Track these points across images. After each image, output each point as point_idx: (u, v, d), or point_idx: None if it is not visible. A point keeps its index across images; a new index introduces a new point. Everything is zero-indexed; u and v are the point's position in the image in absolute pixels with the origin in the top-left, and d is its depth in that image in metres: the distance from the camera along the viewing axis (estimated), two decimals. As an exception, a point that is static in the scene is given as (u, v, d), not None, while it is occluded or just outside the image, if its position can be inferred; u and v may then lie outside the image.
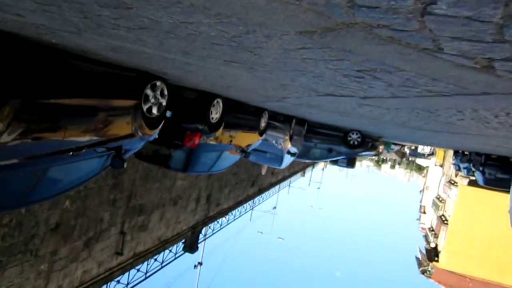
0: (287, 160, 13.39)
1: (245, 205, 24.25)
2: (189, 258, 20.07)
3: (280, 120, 11.57)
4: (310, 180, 52.99)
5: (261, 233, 43.48)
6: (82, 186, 8.66)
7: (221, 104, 7.51)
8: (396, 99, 2.62)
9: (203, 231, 17.03)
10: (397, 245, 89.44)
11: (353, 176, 77.92)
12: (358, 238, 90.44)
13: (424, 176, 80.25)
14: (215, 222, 18.42)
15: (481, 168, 19.04)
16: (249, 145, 9.72)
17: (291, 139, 12.26)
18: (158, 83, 5.41)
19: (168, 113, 7.16)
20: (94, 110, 4.28)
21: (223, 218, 20.20)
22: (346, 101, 3.48)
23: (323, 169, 57.29)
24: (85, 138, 4.23)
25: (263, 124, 9.98)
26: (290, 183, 43.07)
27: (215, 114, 7.44)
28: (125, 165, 4.92)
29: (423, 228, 52.14)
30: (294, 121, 12.20)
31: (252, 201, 25.68)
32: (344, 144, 16.22)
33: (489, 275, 31.88)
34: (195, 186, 14.46)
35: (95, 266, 9.94)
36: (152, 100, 5.40)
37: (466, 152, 23.79)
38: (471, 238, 31.68)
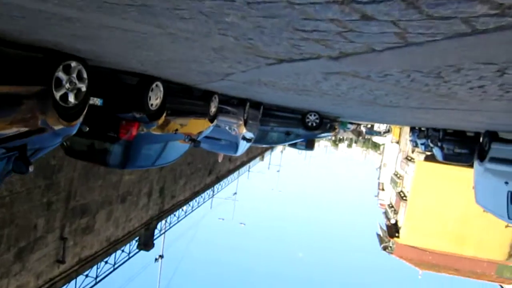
0: (243, 146, 12.48)
1: (203, 194, 23.31)
2: (150, 253, 19.17)
3: (233, 104, 10.61)
4: (269, 164, 52.57)
5: (223, 219, 42.73)
6: (6, 191, 7.46)
7: (161, 88, 6.46)
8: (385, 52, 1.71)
9: (159, 226, 15.97)
10: (357, 222, 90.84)
11: (312, 157, 78.07)
12: (319, 218, 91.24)
13: (380, 154, 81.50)
14: (172, 215, 17.38)
15: (439, 144, 18.78)
16: (199, 133, 8.73)
17: (245, 124, 11.33)
18: (73, 64, 4.32)
19: (99, 101, 6.06)
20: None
21: (181, 210, 19.20)
22: (307, 69, 2.55)
23: (282, 152, 56.93)
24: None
25: (213, 109, 8.99)
26: (249, 168, 42.47)
27: (155, 100, 6.39)
28: (30, 169, 3.84)
29: (382, 205, 52.81)
30: (248, 104, 11.25)
31: (211, 189, 24.82)
32: (302, 126, 15.46)
33: (448, 248, 32.40)
34: (146, 180, 13.35)
35: (33, 278, 8.76)
36: (67, 86, 4.31)
37: (423, 128, 23.63)
38: (430, 212, 32.02)
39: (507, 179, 9.19)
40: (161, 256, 21.94)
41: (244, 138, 11.85)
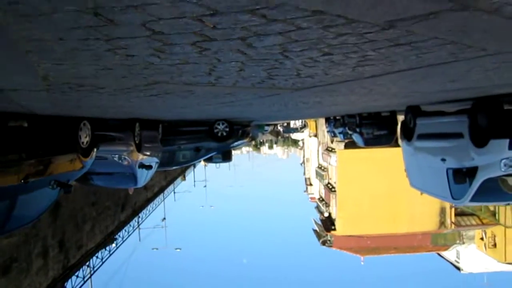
0: (144, 175, 10.43)
1: (124, 230, 20.85)
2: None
3: (116, 127, 8.57)
4: (194, 181, 50.18)
5: (157, 249, 39.80)
6: None
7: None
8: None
9: (69, 284, 13.39)
10: (293, 220, 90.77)
11: (236, 165, 76.40)
12: (255, 224, 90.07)
13: (300, 149, 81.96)
14: (85, 267, 14.81)
15: (357, 130, 17.88)
16: (70, 174, 6.61)
17: (139, 149, 9.31)
18: None
19: None
20: None
21: (95, 257, 16.66)
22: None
23: (205, 167, 54.77)
24: None
25: (85, 139, 6.91)
26: (174, 189, 39.89)
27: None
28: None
29: (312, 199, 52.45)
30: (137, 125, 9.25)
31: (133, 221, 22.38)
32: (212, 138, 13.66)
33: (384, 229, 32.15)
34: (35, 238, 10.85)
35: None
36: None
37: (337, 117, 22.80)
38: (360, 199, 31.57)
39: (442, 155, 8.04)
40: None
41: (142, 166, 9.81)
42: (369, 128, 17.54)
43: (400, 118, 24.18)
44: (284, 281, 63.05)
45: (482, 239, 33.81)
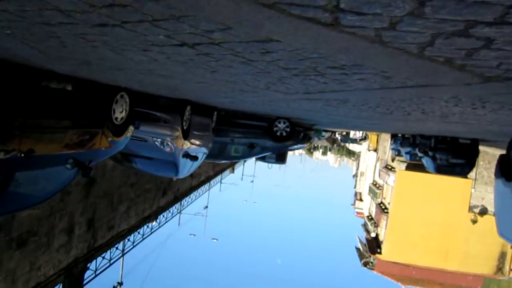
0: (188, 166, 9.11)
1: (168, 211, 19.95)
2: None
3: (163, 107, 7.24)
4: (242, 175, 49.09)
5: (194, 235, 39.10)
6: None
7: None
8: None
9: (93, 265, 12.39)
10: (335, 232, 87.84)
11: (287, 166, 74.67)
12: (295, 229, 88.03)
13: (354, 160, 79.04)
14: (113, 249, 13.82)
15: (430, 153, 15.75)
16: (94, 154, 5.33)
17: (186, 136, 7.96)
18: None
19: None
20: None
21: (137, 233, 15.75)
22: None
23: (255, 162, 53.55)
24: None
25: (120, 115, 5.61)
26: (221, 179, 39.10)
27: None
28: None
29: (358, 213, 50.01)
30: (188, 108, 7.90)
31: (178, 205, 21.48)
32: (270, 136, 12.17)
33: (432, 262, 29.60)
34: (60, 212, 9.81)
35: None
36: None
37: (406, 135, 20.66)
38: (413, 225, 29.14)
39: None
40: (120, 283, 18.53)
41: (187, 156, 8.47)
42: (445, 154, 15.39)
43: (483, 148, 21.69)
44: (315, 292, 60.91)
45: (540, 293, 30.58)
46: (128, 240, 16.60)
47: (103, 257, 13.16)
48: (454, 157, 15.34)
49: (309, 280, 63.80)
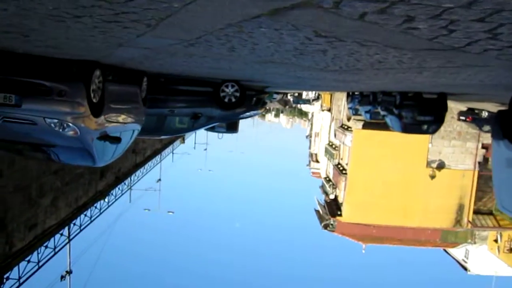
0: (110, 150, 6.93)
1: (117, 188, 17.85)
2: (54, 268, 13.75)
3: (56, 73, 4.98)
4: (195, 143, 46.79)
5: (149, 210, 36.84)
6: None
7: None
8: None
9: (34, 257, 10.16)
10: (292, 194, 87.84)
11: (239, 130, 72.51)
12: (252, 193, 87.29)
13: (306, 121, 78.16)
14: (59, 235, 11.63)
15: (396, 111, 14.19)
16: None
17: (99, 111, 5.74)
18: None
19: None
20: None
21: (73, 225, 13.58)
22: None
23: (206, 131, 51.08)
24: None
25: None
26: (173, 150, 36.75)
27: None
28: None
29: (314, 173, 49.28)
30: (97, 74, 5.64)
31: (129, 179, 19.38)
32: (216, 103, 10.06)
33: (393, 220, 29.00)
34: None
35: None
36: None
37: (365, 93, 19.07)
38: (372, 185, 28.20)
39: None
40: (69, 272, 16.36)
41: (105, 138, 6.27)
42: (411, 111, 13.86)
43: (455, 104, 20.38)
44: (278, 256, 60.56)
45: (496, 241, 30.80)
46: (74, 224, 14.53)
47: (46, 246, 11.09)
48: (421, 114, 13.85)
49: (269, 245, 63.39)
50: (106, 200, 17.51)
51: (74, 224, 13.73)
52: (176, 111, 10.02)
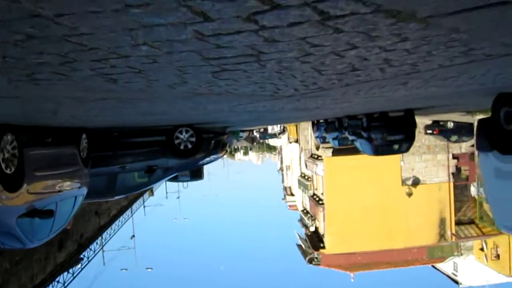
0: (46, 225, 5.82)
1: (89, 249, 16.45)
2: None
3: None
4: (166, 193, 45.21)
5: (126, 269, 34.72)
6: None
7: None
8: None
9: None
10: (272, 231, 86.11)
11: (210, 174, 71.11)
12: (233, 236, 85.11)
13: (276, 154, 77.63)
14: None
15: (365, 134, 13.53)
16: None
17: (17, 183, 4.68)
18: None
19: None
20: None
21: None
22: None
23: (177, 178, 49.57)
24: None
25: None
26: (144, 203, 35.16)
27: None
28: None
29: (290, 206, 48.29)
30: (8, 139, 4.62)
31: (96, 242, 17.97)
32: (171, 152, 9.09)
33: (377, 245, 28.10)
34: None
35: None
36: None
37: (330, 119, 18.48)
38: (351, 212, 27.38)
39: None
40: None
41: (32, 214, 5.19)
42: (380, 132, 13.23)
43: (419, 119, 20.02)
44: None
45: (482, 249, 30.22)
46: (58, 282, 13.13)
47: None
48: (391, 134, 13.24)
49: (256, 284, 61.22)
50: (79, 266, 16.11)
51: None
52: (127, 166, 8.97)
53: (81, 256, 16.83)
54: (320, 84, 2.19)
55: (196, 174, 13.95)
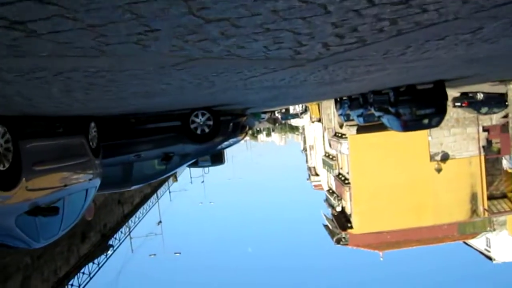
0: (49, 224, 5.36)
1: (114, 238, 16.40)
2: None
3: None
4: (191, 177, 45.13)
5: (154, 255, 34.93)
6: None
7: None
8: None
9: None
10: (299, 211, 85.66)
11: (233, 157, 70.81)
12: (259, 218, 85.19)
13: (298, 135, 76.75)
14: None
15: (392, 110, 12.72)
16: None
17: (15, 178, 4.20)
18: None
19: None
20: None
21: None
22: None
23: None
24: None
25: None
26: (169, 188, 35.13)
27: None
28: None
29: (315, 186, 47.69)
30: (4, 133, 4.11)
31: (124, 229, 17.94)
32: (188, 137, 8.54)
33: (407, 223, 27.31)
34: None
35: None
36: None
37: (353, 96, 17.63)
38: (378, 191, 26.57)
39: None
40: None
41: (35, 212, 4.72)
42: (409, 106, 12.40)
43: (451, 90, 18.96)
44: (296, 279, 58.25)
45: (516, 224, 29.19)
46: (83, 273, 13.19)
47: None
48: (421, 108, 12.39)
49: (285, 267, 61.15)
50: (108, 253, 15.98)
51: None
52: (142, 155, 8.46)
53: (110, 243, 16.68)
54: (362, 33, 1.56)
55: (217, 158, 13.41)
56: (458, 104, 24.28)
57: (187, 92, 3.65)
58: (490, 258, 31.62)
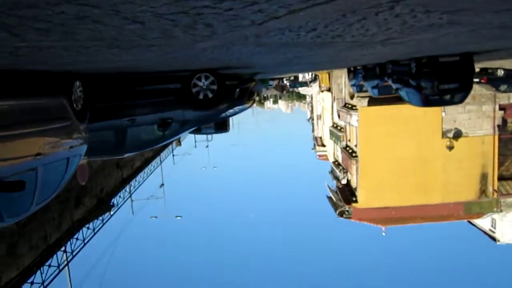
0: (18, 198, 4.52)
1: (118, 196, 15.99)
2: None
3: None
4: (195, 141, 44.36)
5: (156, 217, 34.61)
6: None
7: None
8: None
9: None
10: (302, 181, 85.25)
11: (239, 123, 69.88)
12: (261, 185, 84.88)
13: (305, 103, 75.38)
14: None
15: (413, 82, 11.63)
16: None
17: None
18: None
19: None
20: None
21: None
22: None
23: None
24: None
25: None
26: (172, 152, 34.54)
27: None
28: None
29: (320, 156, 46.96)
30: None
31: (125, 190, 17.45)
32: (188, 102, 7.58)
33: (413, 200, 26.53)
34: None
35: None
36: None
37: (369, 66, 16.47)
38: (387, 165, 25.72)
39: None
40: None
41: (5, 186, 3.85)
42: (431, 80, 11.31)
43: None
44: (295, 248, 58.23)
45: (524, 206, 28.39)
46: (77, 239, 12.73)
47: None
48: (445, 82, 11.29)
49: (286, 236, 61.07)
50: (110, 213, 15.47)
51: (77, 239, 12.09)
52: (137, 119, 7.53)
53: (112, 203, 16.06)
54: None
55: (221, 126, 12.48)
56: (477, 80, 23.01)
57: (176, 44, 2.68)
58: (494, 239, 31.03)
